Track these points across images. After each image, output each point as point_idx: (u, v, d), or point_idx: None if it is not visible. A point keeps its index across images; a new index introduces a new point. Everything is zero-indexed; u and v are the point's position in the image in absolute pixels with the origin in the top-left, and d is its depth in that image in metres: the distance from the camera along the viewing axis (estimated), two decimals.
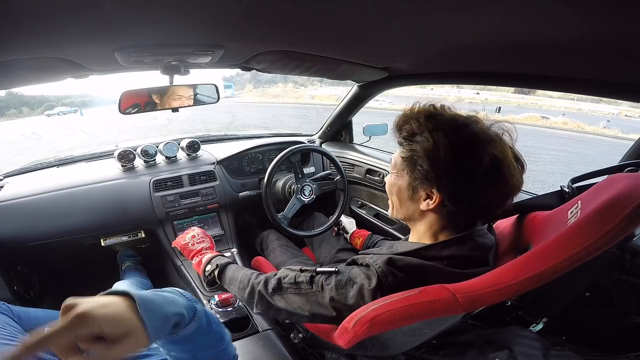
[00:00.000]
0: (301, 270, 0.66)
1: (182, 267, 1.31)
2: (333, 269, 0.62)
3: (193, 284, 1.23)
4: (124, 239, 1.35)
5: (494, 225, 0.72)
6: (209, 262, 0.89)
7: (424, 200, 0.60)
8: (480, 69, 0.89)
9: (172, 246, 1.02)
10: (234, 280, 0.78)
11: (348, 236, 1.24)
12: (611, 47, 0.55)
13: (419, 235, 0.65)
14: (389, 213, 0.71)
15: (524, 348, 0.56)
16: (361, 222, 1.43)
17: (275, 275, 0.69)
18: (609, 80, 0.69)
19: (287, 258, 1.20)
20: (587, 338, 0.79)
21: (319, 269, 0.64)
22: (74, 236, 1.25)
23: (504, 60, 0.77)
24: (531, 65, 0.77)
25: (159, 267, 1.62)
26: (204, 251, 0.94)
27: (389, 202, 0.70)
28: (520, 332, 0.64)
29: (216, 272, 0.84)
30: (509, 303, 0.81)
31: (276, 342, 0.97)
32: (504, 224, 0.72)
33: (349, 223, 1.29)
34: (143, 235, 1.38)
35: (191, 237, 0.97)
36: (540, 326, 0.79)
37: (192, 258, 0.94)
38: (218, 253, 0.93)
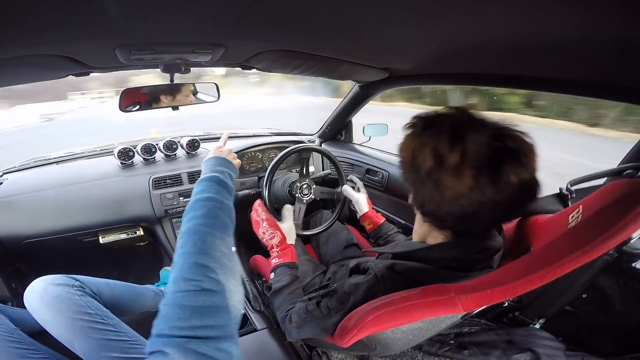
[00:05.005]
0: (309, 299, 0.70)
1: None
2: (331, 289, 0.66)
3: None
4: (123, 236, 1.35)
5: None
6: (274, 271, 0.89)
7: None
8: (481, 70, 0.89)
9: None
10: (277, 310, 0.82)
11: (358, 216, 1.15)
12: (612, 49, 0.55)
13: (422, 235, 0.63)
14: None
15: (545, 350, 0.57)
16: None
17: (294, 308, 0.73)
18: (610, 83, 0.69)
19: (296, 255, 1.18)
20: (584, 339, 0.79)
21: (321, 293, 0.68)
22: (73, 233, 1.24)
23: (505, 61, 0.77)
24: (532, 67, 0.77)
25: (158, 266, 1.62)
26: (275, 250, 0.93)
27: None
28: (537, 333, 0.64)
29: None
30: (506, 304, 0.81)
31: (273, 340, 0.98)
32: (505, 227, 0.73)
33: (360, 199, 1.13)
34: (141, 233, 1.37)
35: (262, 233, 0.95)
36: (537, 327, 0.80)
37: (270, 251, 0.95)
38: (283, 262, 0.90)
